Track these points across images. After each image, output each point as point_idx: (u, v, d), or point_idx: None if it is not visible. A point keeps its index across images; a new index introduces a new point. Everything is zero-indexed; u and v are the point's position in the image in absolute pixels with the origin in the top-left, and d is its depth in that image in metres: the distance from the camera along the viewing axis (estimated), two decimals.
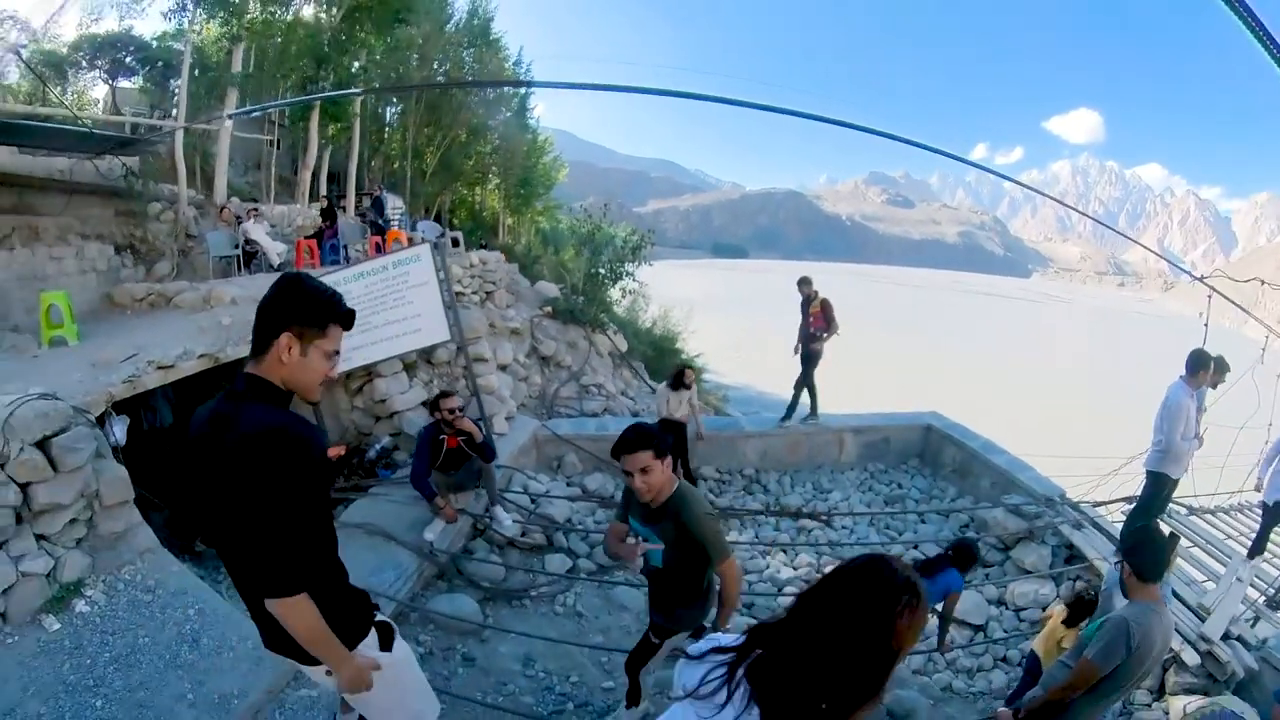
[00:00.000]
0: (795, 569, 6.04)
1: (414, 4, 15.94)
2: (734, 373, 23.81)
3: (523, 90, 22.25)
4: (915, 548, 6.35)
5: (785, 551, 6.34)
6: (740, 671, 1.13)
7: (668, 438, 2.44)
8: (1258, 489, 5.44)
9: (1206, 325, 5.58)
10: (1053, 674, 2.81)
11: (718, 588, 2.68)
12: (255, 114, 14.37)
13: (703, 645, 1.23)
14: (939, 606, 4.12)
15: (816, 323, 7.56)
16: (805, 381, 7.91)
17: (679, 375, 7.14)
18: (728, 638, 1.23)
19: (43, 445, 3.28)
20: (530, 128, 24.59)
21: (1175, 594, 4.17)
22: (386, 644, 1.83)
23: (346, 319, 1.63)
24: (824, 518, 6.80)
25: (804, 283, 7.69)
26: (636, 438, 2.34)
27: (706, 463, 7.85)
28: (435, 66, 18.47)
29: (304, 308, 1.57)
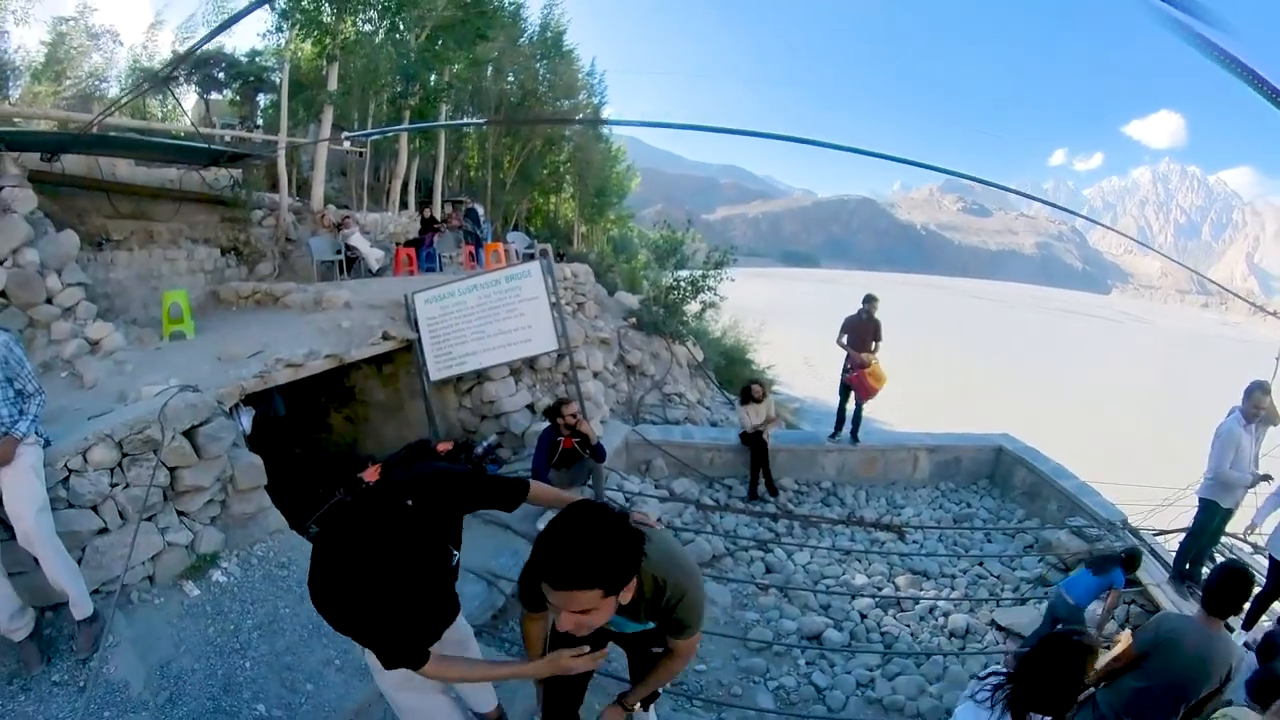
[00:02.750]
0: (869, 577, 6.21)
1: (494, 21, 16.58)
2: (805, 386, 23.58)
3: (596, 102, 22.75)
4: (980, 564, 6.51)
5: (860, 560, 6.47)
6: (1002, 691, 1.99)
7: (631, 562, 1.46)
8: (1249, 532, 5.22)
9: None
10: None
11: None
12: (374, 137, 15.21)
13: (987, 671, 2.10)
14: (1104, 595, 4.65)
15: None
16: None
17: (746, 391, 7.76)
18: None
19: (189, 434, 3.68)
20: (604, 137, 25.09)
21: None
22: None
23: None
24: (898, 529, 6.92)
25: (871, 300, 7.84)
26: (580, 567, 1.37)
27: (786, 474, 8.05)
28: (510, 79, 19.16)
29: None
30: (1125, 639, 3.55)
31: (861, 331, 7.66)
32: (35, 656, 2.87)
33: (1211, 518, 5.07)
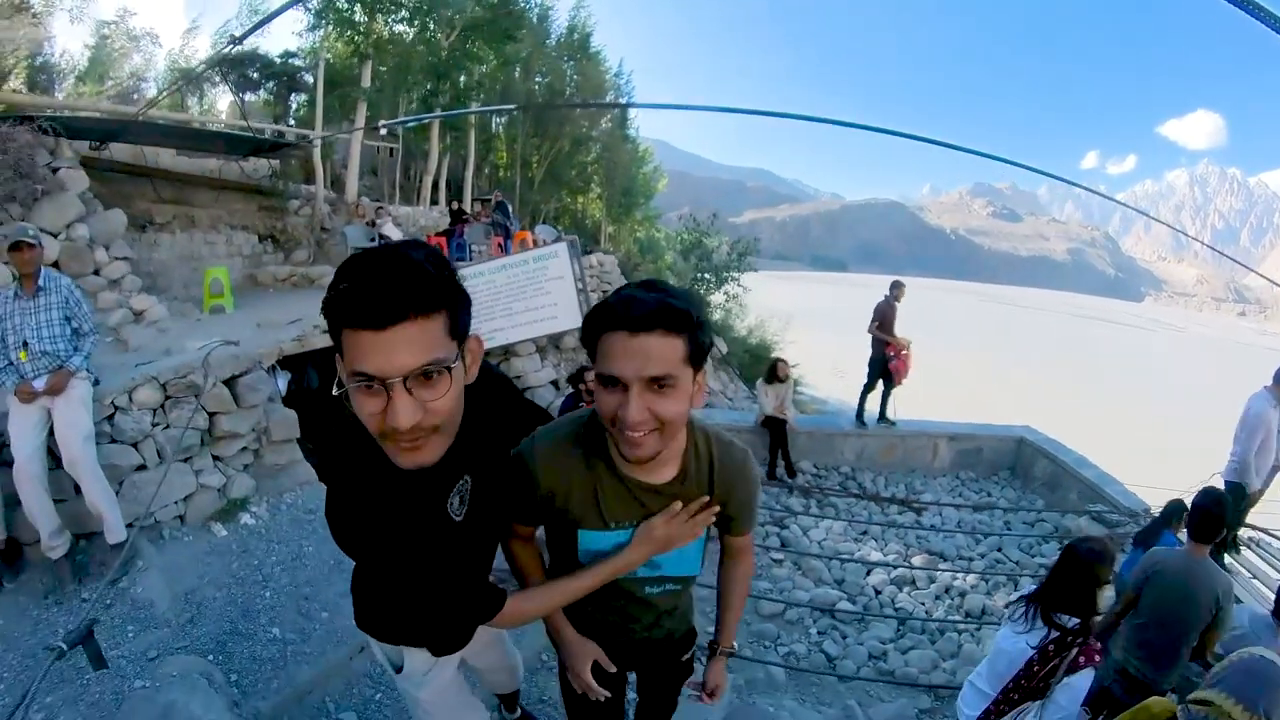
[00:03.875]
0: (884, 555, 6.20)
1: (522, 21, 16.95)
2: (831, 389, 23.46)
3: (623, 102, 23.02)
4: (999, 550, 6.46)
5: (876, 540, 6.50)
6: (1033, 605, 2.24)
7: (709, 330, 1.12)
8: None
9: None
10: None
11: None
12: (410, 124, 15.62)
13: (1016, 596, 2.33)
14: None
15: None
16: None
17: (773, 368, 7.64)
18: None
19: (229, 383, 3.91)
20: (630, 138, 25.31)
21: None
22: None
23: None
24: (915, 507, 6.92)
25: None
26: (664, 304, 1.03)
27: (805, 458, 8.05)
28: (538, 79, 19.50)
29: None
30: None
31: (893, 316, 7.68)
32: (68, 574, 3.18)
33: (1238, 500, 4.92)
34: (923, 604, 5.50)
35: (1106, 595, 2.33)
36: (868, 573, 5.77)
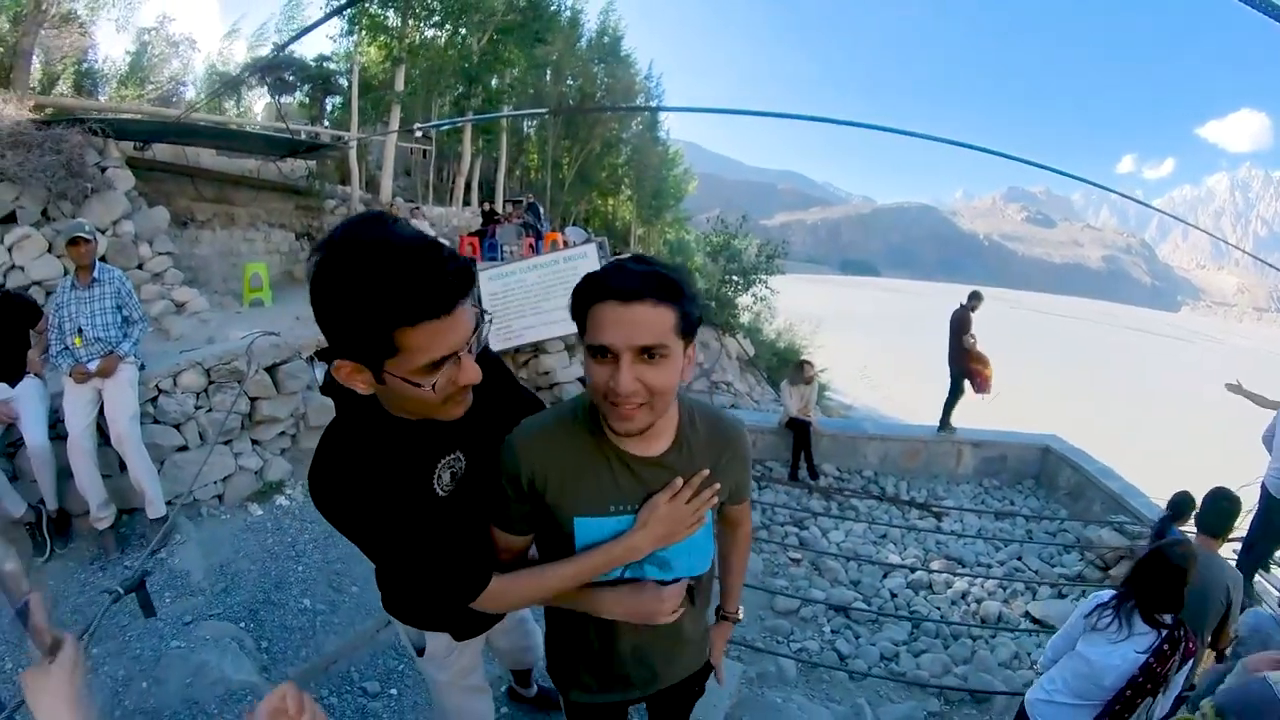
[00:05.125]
0: (903, 559, 6.20)
1: (552, 25, 17.20)
2: (859, 394, 23.27)
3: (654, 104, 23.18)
4: (1019, 558, 6.41)
5: (895, 544, 6.52)
6: (1126, 604, 2.25)
7: (698, 302, 1.09)
8: None
9: None
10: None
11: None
12: (445, 127, 15.98)
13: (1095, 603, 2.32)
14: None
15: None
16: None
17: (799, 369, 7.74)
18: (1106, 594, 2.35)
19: (270, 370, 4.12)
20: (661, 141, 25.43)
21: None
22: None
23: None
24: (936, 509, 6.91)
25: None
26: (652, 274, 1.04)
27: (828, 460, 8.07)
28: (569, 82, 19.75)
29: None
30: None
31: (969, 325, 7.59)
32: (112, 544, 3.44)
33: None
34: (938, 609, 5.50)
35: None
36: (884, 575, 5.79)
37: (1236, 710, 1.52)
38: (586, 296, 1.06)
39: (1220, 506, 2.73)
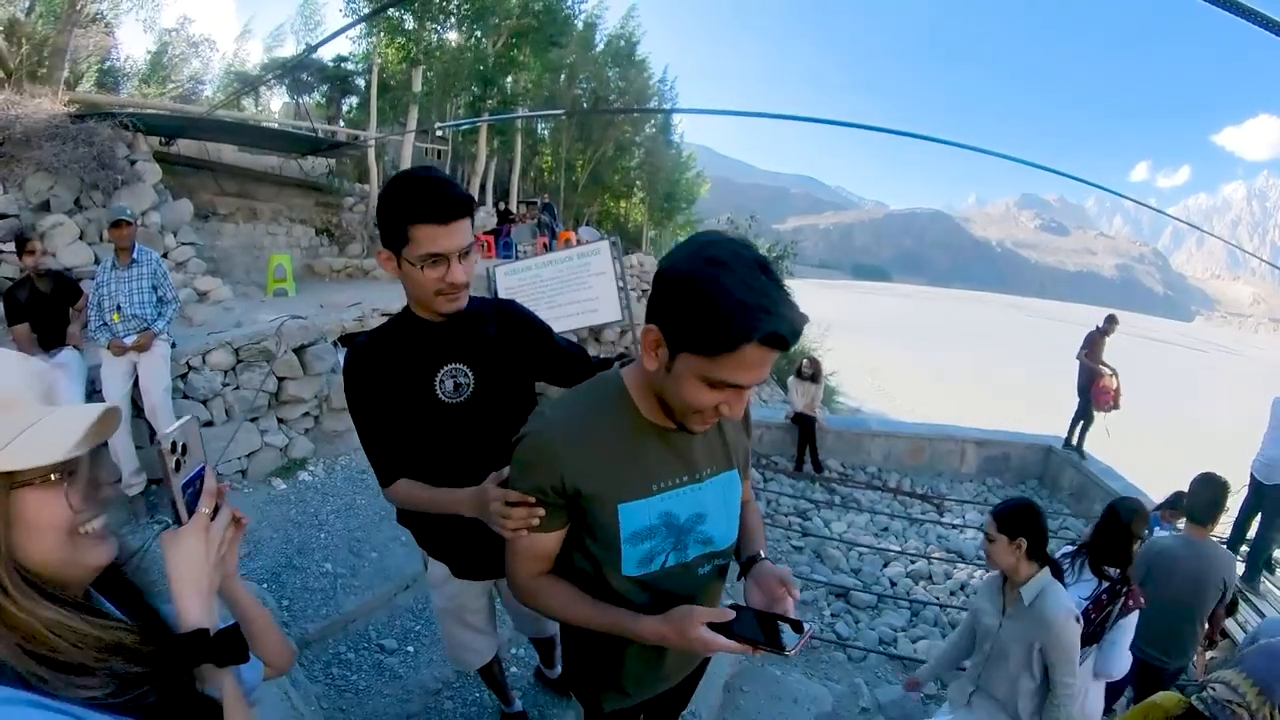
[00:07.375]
0: (903, 550, 6.31)
1: (567, 28, 17.42)
2: (868, 399, 23.24)
3: (668, 108, 23.35)
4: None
5: (896, 536, 6.62)
6: (1079, 557, 2.51)
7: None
8: None
9: None
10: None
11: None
12: (464, 127, 16.23)
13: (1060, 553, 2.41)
14: None
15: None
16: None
17: (805, 365, 7.91)
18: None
19: (299, 352, 4.32)
20: (674, 143, 25.57)
21: None
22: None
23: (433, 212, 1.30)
24: (936, 500, 7.00)
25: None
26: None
27: (833, 456, 8.18)
28: (583, 86, 19.97)
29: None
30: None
31: (1102, 347, 7.60)
32: (142, 510, 3.71)
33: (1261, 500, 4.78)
34: (937, 598, 5.60)
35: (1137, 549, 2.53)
36: (885, 564, 5.90)
37: (1267, 680, 1.51)
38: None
39: (1204, 495, 2.80)
